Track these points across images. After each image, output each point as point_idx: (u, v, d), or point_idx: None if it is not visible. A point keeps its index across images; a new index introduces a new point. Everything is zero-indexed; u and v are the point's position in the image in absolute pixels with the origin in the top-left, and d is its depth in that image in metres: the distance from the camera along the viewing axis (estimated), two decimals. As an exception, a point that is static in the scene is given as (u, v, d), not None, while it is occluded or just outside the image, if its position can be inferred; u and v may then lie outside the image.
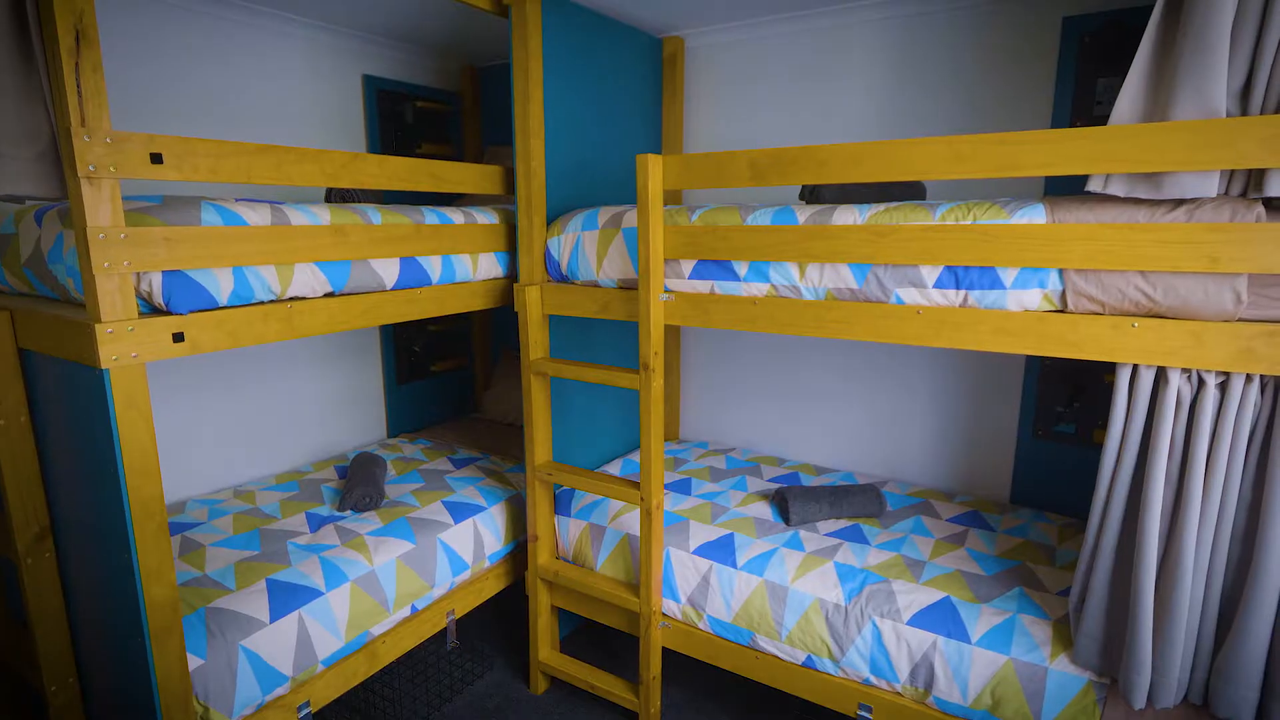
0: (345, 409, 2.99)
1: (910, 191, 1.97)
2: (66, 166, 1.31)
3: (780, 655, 1.92)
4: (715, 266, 1.83)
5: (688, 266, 1.87)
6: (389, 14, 2.58)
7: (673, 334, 3.01)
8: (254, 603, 1.77)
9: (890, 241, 1.56)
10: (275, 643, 1.73)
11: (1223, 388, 1.32)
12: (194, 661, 1.60)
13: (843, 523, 2.22)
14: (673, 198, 2.86)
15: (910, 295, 1.60)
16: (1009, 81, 2.23)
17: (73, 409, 1.50)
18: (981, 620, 1.70)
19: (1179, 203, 1.33)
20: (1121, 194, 1.36)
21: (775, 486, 2.48)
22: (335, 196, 2.21)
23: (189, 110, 2.32)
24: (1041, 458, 2.32)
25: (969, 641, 1.67)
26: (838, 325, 1.68)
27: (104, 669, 1.68)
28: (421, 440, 3.04)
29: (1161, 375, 1.37)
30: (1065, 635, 1.63)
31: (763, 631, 1.93)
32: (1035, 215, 1.46)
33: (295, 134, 2.65)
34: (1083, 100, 2.08)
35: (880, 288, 1.62)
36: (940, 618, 1.73)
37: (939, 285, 1.56)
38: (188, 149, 1.44)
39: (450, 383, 3.43)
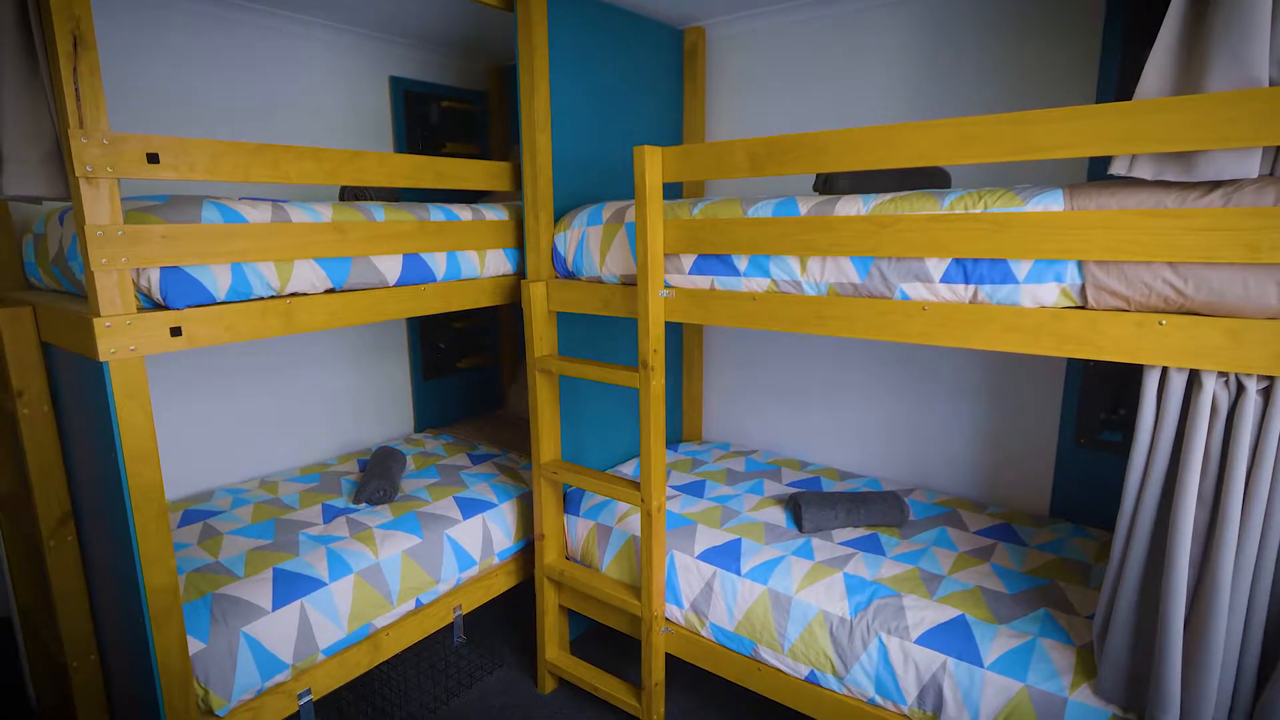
0: (374, 404, 3.05)
1: (931, 180, 1.85)
2: (67, 167, 1.36)
3: (782, 668, 1.83)
4: (716, 261, 1.76)
5: (688, 261, 1.81)
6: (410, 15, 2.61)
7: (695, 332, 2.95)
8: (258, 590, 1.81)
9: (893, 232, 1.46)
10: (276, 630, 1.77)
11: (1266, 394, 1.17)
12: (196, 645, 1.65)
13: (860, 531, 2.11)
14: (696, 192, 2.80)
15: (916, 290, 1.49)
16: (1048, 60, 2.06)
17: (83, 399, 1.57)
18: (997, 642, 1.57)
19: (1215, 185, 1.18)
20: (1149, 177, 1.22)
21: (793, 491, 2.38)
22: (348, 195, 2.25)
23: (218, 113, 2.41)
24: (1084, 467, 2.14)
25: (981, 665, 1.55)
26: (839, 322, 1.59)
27: (118, 648, 1.75)
28: (445, 436, 3.08)
29: (1195, 379, 1.22)
30: (1090, 663, 1.48)
31: (765, 643, 1.85)
32: (1052, 202, 1.33)
33: (324, 137, 2.72)
34: (1129, 78, 1.89)
35: (884, 282, 1.52)
36: (952, 637, 1.61)
37: (946, 279, 1.44)
38: (184, 149, 1.48)
39: (476, 379, 3.46)
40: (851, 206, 1.56)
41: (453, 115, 3.16)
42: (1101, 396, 2.09)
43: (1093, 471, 2.12)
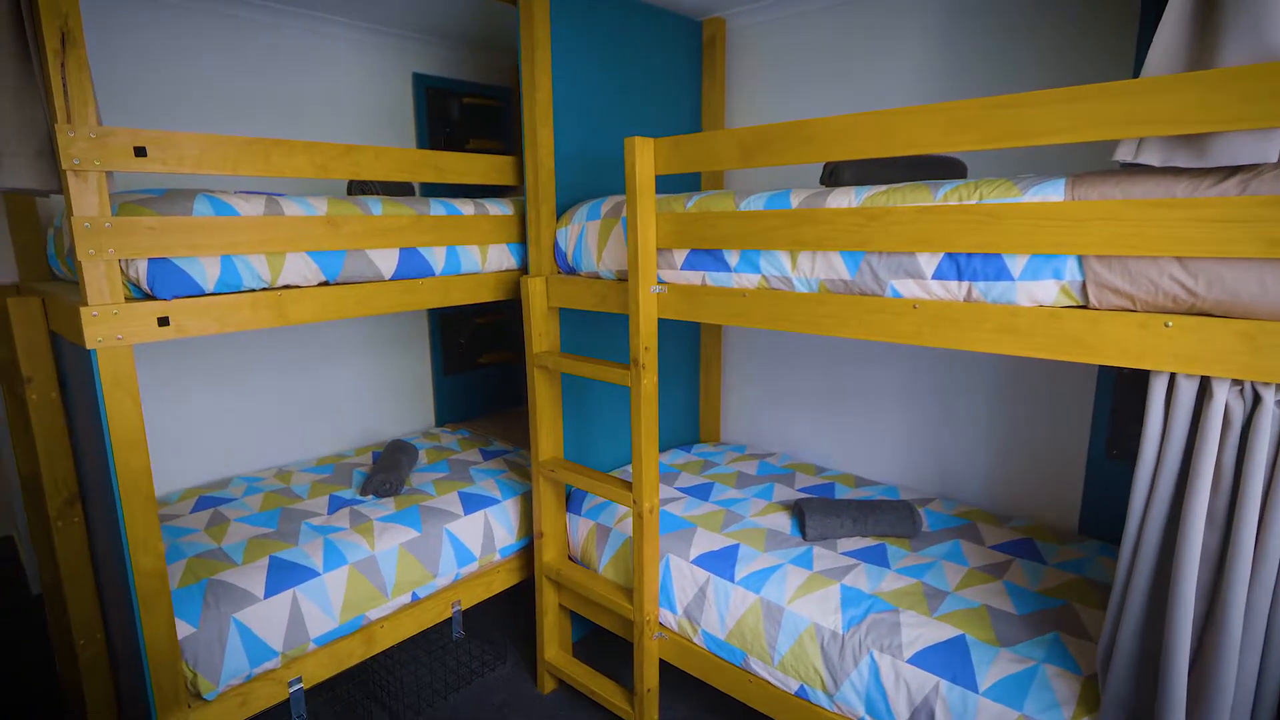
0: (397, 397, 3.10)
1: (942, 170, 1.74)
2: (57, 160, 1.41)
3: (772, 681, 1.76)
4: (707, 256, 1.70)
5: (680, 256, 1.75)
6: (429, 12, 2.63)
7: (714, 330, 2.88)
8: (252, 578, 1.84)
9: (882, 225, 1.37)
10: (266, 618, 1.80)
11: (1288, 405, 1.04)
12: (186, 629, 1.69)
13: (868, 541, 2.01)
14: (715, 185, 2.73)
15: (907, 287, 1.39)
16: (1081, 41, 1.92)
17: (80, 386, 1.63)
18: (995, 666, 1.46)
19: (1230, 172, 1.06)
20: (1157, 163, 1.10)
21: (801, 497, 2.29)
22: (355, 189, 2.28)
23: (238, 112, 2.47)
24: (1115, 481, 1.99)
25: (976, 690, 1.44)
26: (829, 321, 1.50)
27: (119, 629, 1.81)
28: (462, 431, 3.10)
29: (1206, 387, 1.10)
30: (1095, 695, 1.36)
31: (755, 653, 1.78)
32: (1052, 192, 1.23)
33: (345, 134, 2.76)
34: (1167, 58, 1.74)
35: (874, 279, 1.43)
36: (947, 659, 1.51)
37: (939, 276, 1.35)
38: (171, 142, 1.51)
39: (497, 375, 3.47)
40: (843, 199, 1.48)
41: (476, 111, 3.18)
42: (1135, 405, 1.93)
43: (1125, 486, 1.96)
